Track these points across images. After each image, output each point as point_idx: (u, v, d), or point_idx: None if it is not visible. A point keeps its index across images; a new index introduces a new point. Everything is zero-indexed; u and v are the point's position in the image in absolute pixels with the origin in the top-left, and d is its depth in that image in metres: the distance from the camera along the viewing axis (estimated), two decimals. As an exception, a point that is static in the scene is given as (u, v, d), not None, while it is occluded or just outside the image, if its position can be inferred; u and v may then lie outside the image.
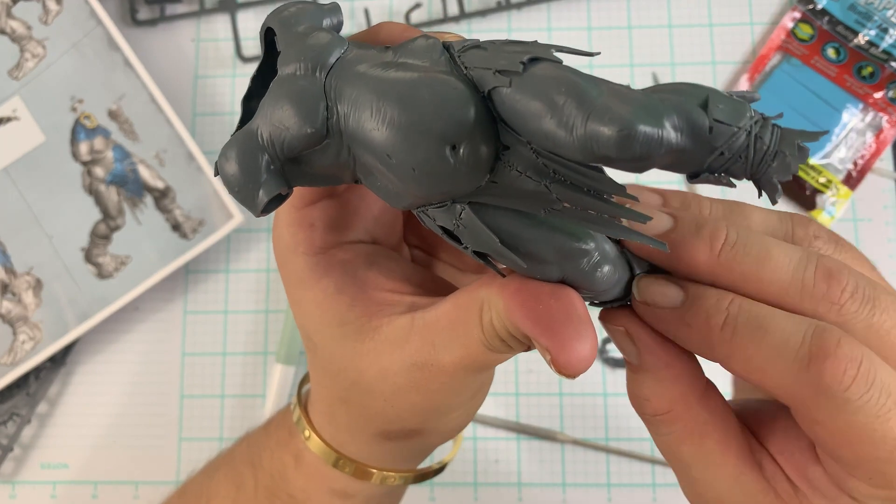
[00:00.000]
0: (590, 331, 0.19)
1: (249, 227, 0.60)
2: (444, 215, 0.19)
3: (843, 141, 0.59)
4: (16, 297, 0.57)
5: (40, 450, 0.58)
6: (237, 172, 0.18)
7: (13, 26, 0.58)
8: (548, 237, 0.19)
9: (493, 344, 0.21)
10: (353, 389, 0.25)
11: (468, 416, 0.28)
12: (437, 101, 0.17)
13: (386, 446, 0.28)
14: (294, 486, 0.31)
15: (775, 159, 0.18)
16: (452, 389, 0.23)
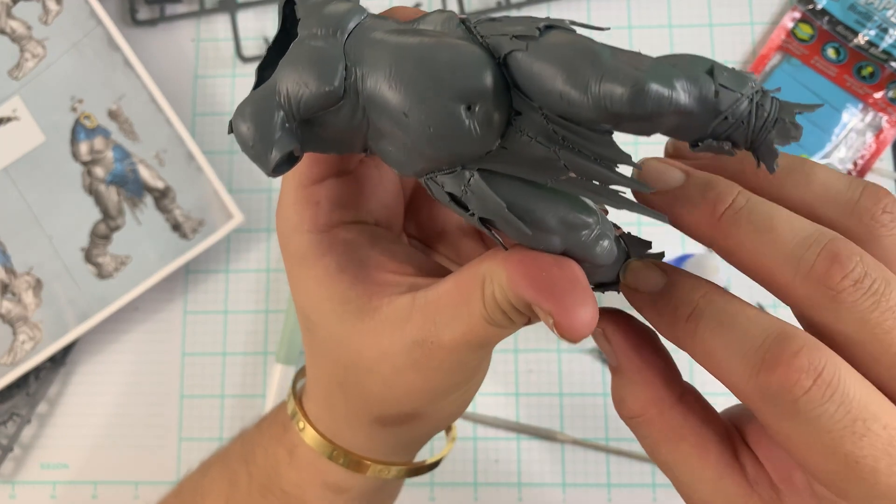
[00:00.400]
0: (591, 298, 0.20)
1: (249, 228, 0.60)
2: (452, 181, 0.19)
3: (843, 141, 0.59)
4: (16, 297, 0.57)
5: (40, 450, 0.58)
6: (252, 129, 0.19)
7: (13, 26, 0.59)
8: (553, 207, 0.19)
9: (495, 317, 0.21)
10: (351, 371, 0.25)
11: (464, 402, 0.28)
12: (454, 62, 0.18)
13: (382, 434, 0.27)
14: (287, 481, 0.30)
15: (775, 126, 0.18)
16: (451, 368, 0.23)
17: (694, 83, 0.17)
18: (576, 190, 0.19)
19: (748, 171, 0.21)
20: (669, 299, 0.21)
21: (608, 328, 0.22)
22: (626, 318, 0.23)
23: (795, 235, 0.19)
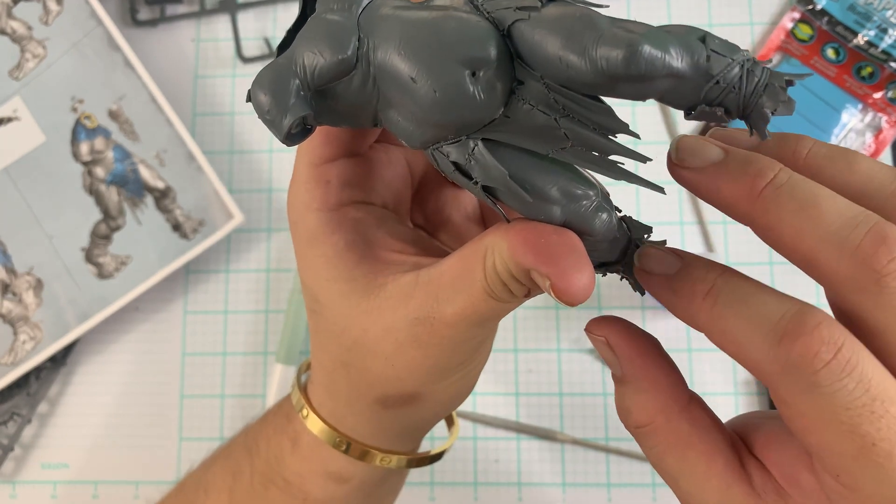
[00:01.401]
0: (589, 265, 0.20)
1: (250, 228, 0.60)
2: (457, 151, 0.20)
3: (843, 141, 0.59)
4: (16, 297, 0.57)
5: (41, 450, 0.58)
6: (268, 96, 0.20)
7: (14, 26, 0.59)
8: (554, 177, 0.20)
9: (496, 289, 0.21)
10: (354, 350, 0.25)
11: (464, 387, 0.27)
12: (460, 31, 0.19)
13: (384, 417, 0.27)
14: (289, 471, 0.30)
15: (766, 91, 0.19)
16: (452, 345, 0.23)
17: (686, 48, 0.18)
18: (576, 160, 0.20)
19: (787, 157, 0.21)
20: (686, 279, 0.21)
21: (611, 336, 0.22)
22: (629, 326, 0.23)
23: (841, 215, 0.19)
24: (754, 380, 0.56)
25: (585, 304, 0.58)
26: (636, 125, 0.61)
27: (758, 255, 0.58)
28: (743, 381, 0.56)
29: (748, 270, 0.63)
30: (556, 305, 0.58)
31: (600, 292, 0.58)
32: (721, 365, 0.56)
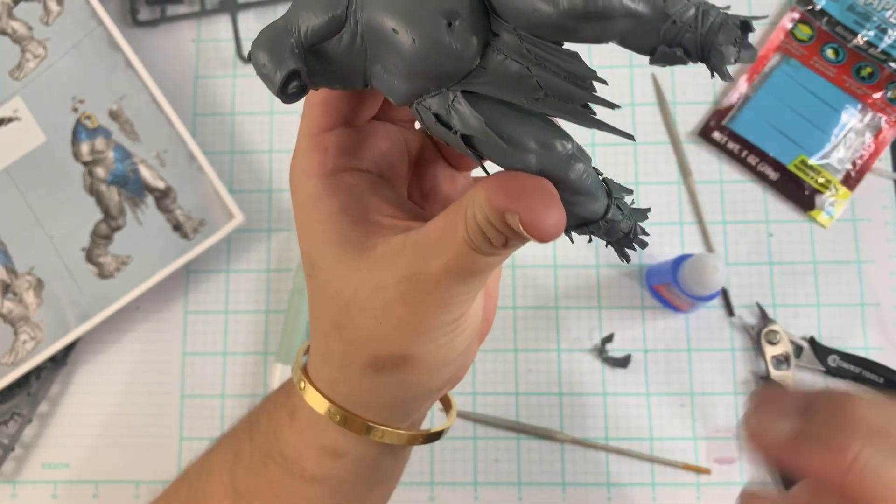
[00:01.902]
0: (559, 205, 0.21)
1: (250, 228, 0.60)
2: (438, 102, 0.22)
3: (842, 141, 0.59)
4: (17, 296, 0.57)
5: (41, 449, 0.58)
6: (265, 53, 0.21)
7: (14, 27, 0.59)
8: (529, 128, 0.21)
9: (475, 239, 0.22)
10: (346, 310, 0.26)
11: (451, 352, 0.27)
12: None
13: (376, 383, 0.28)
14: (287, 445, 0.31)
15: (720, 30, 0.19)
16: (438, 301, 0.24)
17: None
18: (550, 110, 0.21)
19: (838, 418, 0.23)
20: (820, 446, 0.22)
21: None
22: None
23: None
24: (753, 379, 0.56)
25: (587, 304, 0.58)
26: (636, 126, 0.61)
27: (757, 256, 0.58)
28: (742, 381, 0.56)
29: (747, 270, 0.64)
30: (556, 305, 0.58)
31: (600, 293, 0.58)
32: (721, 365, 0.57)
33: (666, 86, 0.61)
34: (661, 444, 0.56)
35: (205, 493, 0.34)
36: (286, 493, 0.31)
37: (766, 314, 0.57)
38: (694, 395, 0.56)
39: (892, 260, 0.58)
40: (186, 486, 0.36)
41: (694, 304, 0.53)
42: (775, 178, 0.59)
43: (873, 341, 0.56)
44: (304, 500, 0.31)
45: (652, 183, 0.60)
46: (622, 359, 0.57)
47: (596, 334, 0.58)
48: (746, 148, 0.59)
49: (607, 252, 0.59)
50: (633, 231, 0.24)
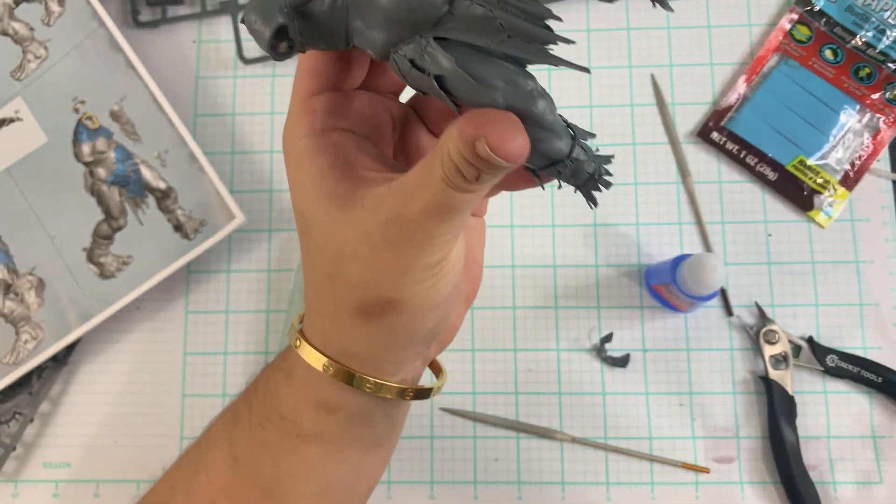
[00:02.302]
0: (524, 133, 0.23)
1: (251, 228, 0.60)
2: (413, 49, 0.23)
3: (841, 142, 0.59)
4: (18, 296, 0.57)
5: (43, 449, 0.58)
6: (256, 13, 0.23)
7: (15, 27, 0.59)
8: (497, 68, 0.23)
9: (451, 176, 0.24)
10: (337, 259, 0.28)
11: (436, 296, 0.28)
12: None
13: (366, 331, 0.29)
14: (284, 404, 0.32)
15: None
16: (420, 242, 0.26)
17: None
18: (513, 50, 0.22)
19: None
20: None
21: None
22: None
23: None
24: (752, 379, 0.57)
25: (586, 304, 0.58)
26: (635, 127, 0.61)
27: (755, 256, 0.58)
28: (741, 381, 0.56)
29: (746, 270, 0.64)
30: (556, 305, 0.58)
31: (599, 292, 0.58)
32: (720, 364, 0.57)
33: (665, 87, 0.61)
34: (659, 443, 0.56)
35: (205, 464, 0.35)
36: (283, 455, 0.32)
37: (764, 314, 0.57)
38: (693, 395, 0.56)
39: (890, 260, 0.58)
40: (187, 461, 0.37)
41: (693, 303, 0.54)
42: (774, 178, 0.59)
43: (871, 341, 0.57)
44: (301, 460, 0.32)
45: (651, 183, 0.60)
46: (621, 358, 0.57)
47: (595, 334, 0.58)
48: (745, 148, 0.59)
49: (607, 252, 0.59)
50: (598, 172, 0.26)
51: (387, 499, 0.56)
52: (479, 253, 0.33)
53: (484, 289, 0.59)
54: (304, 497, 0.33)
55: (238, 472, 0.33)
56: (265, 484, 0.33)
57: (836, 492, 0.55)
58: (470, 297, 0.33)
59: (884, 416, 0.56)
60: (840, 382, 0.56)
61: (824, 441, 0.55)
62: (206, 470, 0.35)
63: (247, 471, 0.33)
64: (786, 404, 0.55)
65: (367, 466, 0.34)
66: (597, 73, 0.62)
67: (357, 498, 0.35)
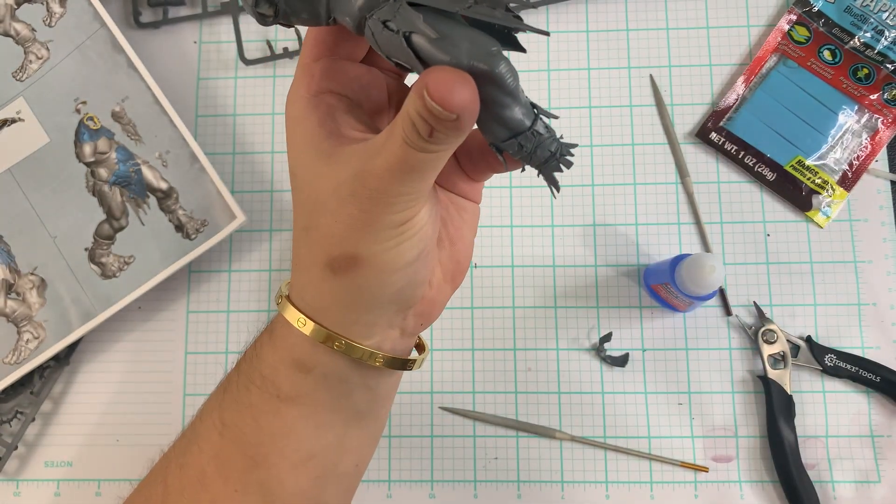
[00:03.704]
0: (471, 87, 0.23)
1: (252, 228, 0.61)
2: (387, 10, 0.24)
3: (839, 142, 0.59)
4: (20, 296, 0.57)
5: (44, 448, 0.58)
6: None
7: (17, 28, 0.59)
8: (462, 29, 0.24)
9: (408, 133, 0.25)
10: (312, 213, 0.30)
11: (399, 257, 0.29)
12: None
13: (334, 286, 0.30)
14: (265, 364, 0.34)
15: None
16: (382, 198, 0.27)
17: None
18: (480, 15, 0.23)
19: None
20: None
21: None
22: None
23: None
24: (751, 378, 0.57)
25: (585, 303, 0.58)
26: (634, 127, 0.61)
27: (753, 256, 0.58)
28: (740, 381, 0.57)
29: (745, 270, 0.64)
30: (555, 305, 0.58)
31: (598, 292, 0.58)
32: (719, 364, 0.57)
33: (664, 87, 0.62)
34: (658, 442, 0.56)
35: (197, 434, 0.36)
36: (265, 416, 0.33)
37: (763, 313, 0.57)
38: (691, 394, 0.57)
39: (889, 260, 0.58)
40: (182, 436, 0.37)
41: (692, 303, 0.54)
42: (772, 178, 0.59)
43: (870, 340, 0.57)
44: (282, 422, 0.33)
45: (650, 183, 0.60)
46: (620, 358, 0.57)
47: (594, 333, 0.58)
48: (743, 149, 0.59)
49: (606, 252, 0.59)
50: (560, 151, 0.27)
51: (387, 498, 0.57)
52: (468, 234, 0.34)
53: (484, 288, 0.59)
54: (288, 466, 0.33)
55: (226, 439, 0.34)
56: (250, 450, 0.34)
57: (835, 491, 0.55)
58: (456, 278, 0.34)
59: (882, 415, 0.56)
60: (838, 382, 0.56)
61: (823, 440, 0.56)
62: (198, 440, 0.35)
63: (234, 437, 0.34)
64: (784, 404, 0.55)
65: (351, 440, 0.35)
66: (596, 73, 0.62)
67: (344, 476, 0.36)
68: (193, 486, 0.35)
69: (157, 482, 0.37)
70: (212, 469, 0.34)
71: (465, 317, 0.59)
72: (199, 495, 0.34)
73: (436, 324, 0.59)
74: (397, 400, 0.58)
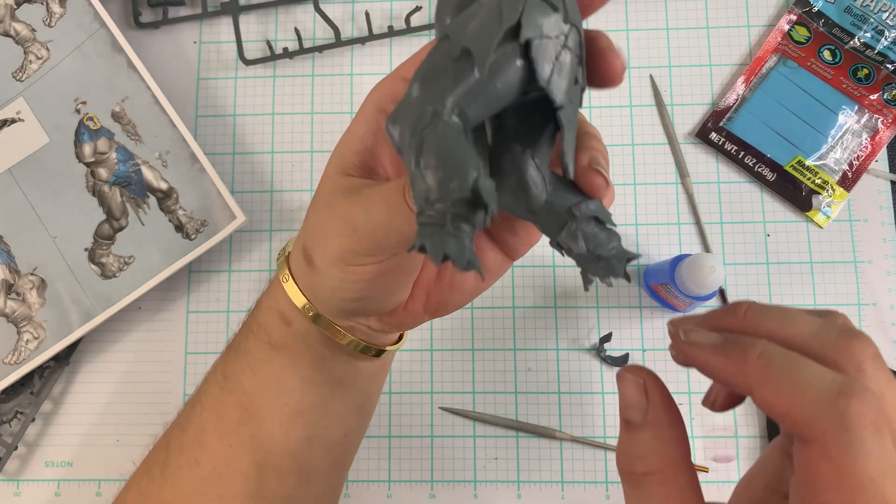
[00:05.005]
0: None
1: (252, 228, 0.61)
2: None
3: (839, 142, 0.59)
4: (20, 296, 0.57)
5: (44, 448, 0.58)
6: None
7: (17, 28, 0.59)
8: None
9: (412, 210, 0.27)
10: (314, 203, 0.32)
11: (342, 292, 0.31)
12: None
13: (305, 267, 0.32)
14: (261, 311, 0.36)
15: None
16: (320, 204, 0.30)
17: None
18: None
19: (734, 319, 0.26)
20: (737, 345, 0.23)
21: (649, 380, 0.24)
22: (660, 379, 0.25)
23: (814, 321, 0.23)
24: (751, 378, 0.57)
25: (585, 304, 0.58)
26: (634, 127, 0.61)
27: (753, 256, 0.58)
28: (740, 380, 0.57)
29: (745, 270, 0.64)
30: (555, 305, 0.58)
31: (598, 292, 0.58)
32: (718, 364, 0.57)
33: (664, 87, 0.62)
34: (659, 442, 0.56)
35: (200, 394, 0.38)
36: (259, 363, 0.35)
37: (763, 314, 0.57)
38: (691, 395, 0.57)
39: (889, 260, 0.58)
40: (186, 403, 0.39)
41: (692, 303, 0.54)
42: (772, 178, 0.59)
43: (869, 340, 0.57)
44: (272, 369, 0.35)
45: (650, 184, 0.60)
46: (620, 358, 0.57)
47: (594, 334, 0.58)
48: (743, 149, 0.59)
49: (606, 252, 0.59)
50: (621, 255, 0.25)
51: (387, 498, 0.57)
52: (469, 282, 0.34)
53: (484, 289, 0.59)
54: (277, 420, 0.35)
55: (225, 391, 0.36)
56: (244, 399, 0.35)
57: (835, 491, 0.55)
58: (438, 312, 0.35)
59: (882, 415, 0.56)
60: (838, 382, 0.56)
61: (822, 440, 0.56)
62: (201, 399, 0.37)
63: (232, 387, 0.36)
64: (784, 404, 0.55)
65: (335, 404, 0.36)
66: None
67: (334, 444, 0.37)
68: (192, 445, 0.37)
69: (160, 449, 0.39)
70: (210, 425, 0.36)
71: (465, 317, 0.59)
72: (197, 453, 0.36)
73: (436, 324, 0.59)
74: (397, 400, 0.58)
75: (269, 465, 0.35)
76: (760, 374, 0.22)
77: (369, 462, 0.57)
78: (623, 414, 0.24)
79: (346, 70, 0.63)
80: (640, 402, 0.24)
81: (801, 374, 0.21)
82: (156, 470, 0.38)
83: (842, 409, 0.20)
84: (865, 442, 0.20)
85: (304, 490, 0.37)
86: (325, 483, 0.38)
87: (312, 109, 0.62)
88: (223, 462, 0.35)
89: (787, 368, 0.22)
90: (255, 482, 0.35)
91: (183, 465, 0.37)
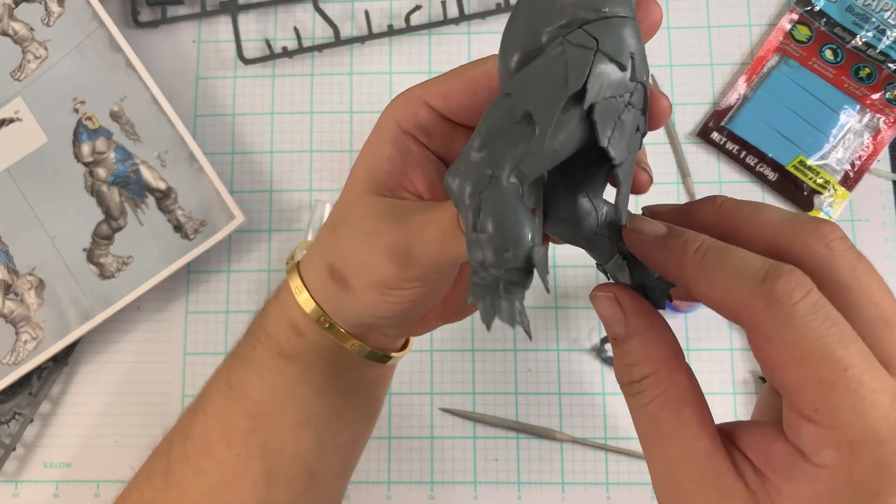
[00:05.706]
0: None
1: (251, 228, 0.61)
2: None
3: (841, 142, 0.59)
4: (18, 297, 0.57)
5: (43, 449, 0.58)
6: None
7: (15, 28, 0.59)
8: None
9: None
10: (343, 217, 0.32)
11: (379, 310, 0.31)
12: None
13: (328, 284, 0.32)
14: (269, 321, 0.35)
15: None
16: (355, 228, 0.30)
17: None
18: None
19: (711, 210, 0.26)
20: (678, 237, 0.24)
21: (620, 294, 0.25)
22: (633, 291, 0.26)
23: (782, 211, 0.24)
24: (752, 379, 0.57)
25: (586, 304, 0.58)
26: (635, 126, 0.61)
27: (756, 256, 0.58)
28: (741, 381, 0.57)
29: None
30: (556, 305, 0.58)
31: (599, 292, 0.58)
32: (720, 364, 0.57)
33: (665, 87, 0.61)
34: (659, 443, 0.56)
35: (202, 403, 0.38)
36: (269, 373, 0.35)
37: (764, 314, 0.57)
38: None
39: (890, 260, 0.58)
40: (187, 411, 0.39)
41: (693, 303, 0.54)
42: (774, 178, 0.59)
43: (871, 341, 0.57)
44: (283, 378, 0.35)
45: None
46: (621, 359, 0.57)
47: (595, 334, 0.58)
48: (745, 148, 0.59)
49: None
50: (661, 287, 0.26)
51: (386, 499, 0.56)
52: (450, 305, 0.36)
53: (484, 289, 0.59)
54: (287, 428, 0.35)
55: (231, 399, 0.36)
56: (253, 409, 0.35)
57: (836, 492, 0.55)
58: (451, 319, 0.36)
59: (884, 416, 0.56)
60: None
61: (824, 441, 0.55)
62: (204, 407, 0.37)
63: (238, 396, 0.36)
64: (786, 404, 0.55)
65: (345, 411, 0.36)
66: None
67: (342, 448, 0.37)
68: (197, 453, 0.36)
69: (161, 456, 0.38)
70: (216, 434, 0.36)
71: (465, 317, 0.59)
72: (203, 462, 0.36)
73: (436, 324, 0.59)
74: (397, 401, 0.57)
75: (278, 471, 0.35)
76: (696, 266, 0.23)
77: (369, 463, 0.57)
78: (608, 333, 0.25)
79: (345, 69, 0.63)
80: (618, 314, 0.25)
81: (733, 262, 0.22)
82: (157, 477, 0.38)
83: (768, 289, 0.21)
84: (798, 314, 0.20)
85: (313, 493, 0.37)
86: (332, 485, 0.38)
87: (312, 109, 0.62)
88: (231, 471, 0.35)
89: (720, 258, 0.22)
90: (263, 489, 0.35)
91: (188, 473, 0.36)
